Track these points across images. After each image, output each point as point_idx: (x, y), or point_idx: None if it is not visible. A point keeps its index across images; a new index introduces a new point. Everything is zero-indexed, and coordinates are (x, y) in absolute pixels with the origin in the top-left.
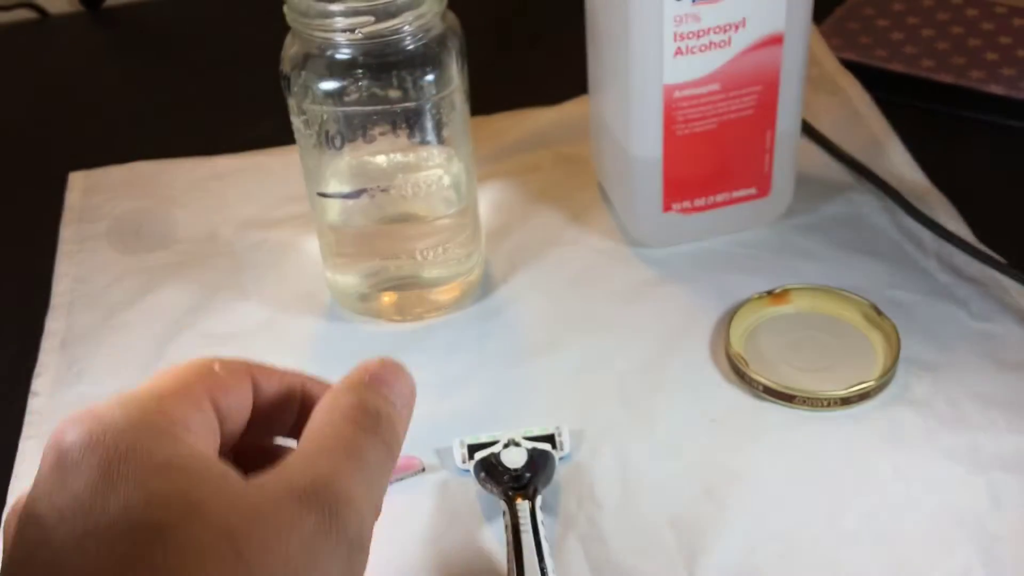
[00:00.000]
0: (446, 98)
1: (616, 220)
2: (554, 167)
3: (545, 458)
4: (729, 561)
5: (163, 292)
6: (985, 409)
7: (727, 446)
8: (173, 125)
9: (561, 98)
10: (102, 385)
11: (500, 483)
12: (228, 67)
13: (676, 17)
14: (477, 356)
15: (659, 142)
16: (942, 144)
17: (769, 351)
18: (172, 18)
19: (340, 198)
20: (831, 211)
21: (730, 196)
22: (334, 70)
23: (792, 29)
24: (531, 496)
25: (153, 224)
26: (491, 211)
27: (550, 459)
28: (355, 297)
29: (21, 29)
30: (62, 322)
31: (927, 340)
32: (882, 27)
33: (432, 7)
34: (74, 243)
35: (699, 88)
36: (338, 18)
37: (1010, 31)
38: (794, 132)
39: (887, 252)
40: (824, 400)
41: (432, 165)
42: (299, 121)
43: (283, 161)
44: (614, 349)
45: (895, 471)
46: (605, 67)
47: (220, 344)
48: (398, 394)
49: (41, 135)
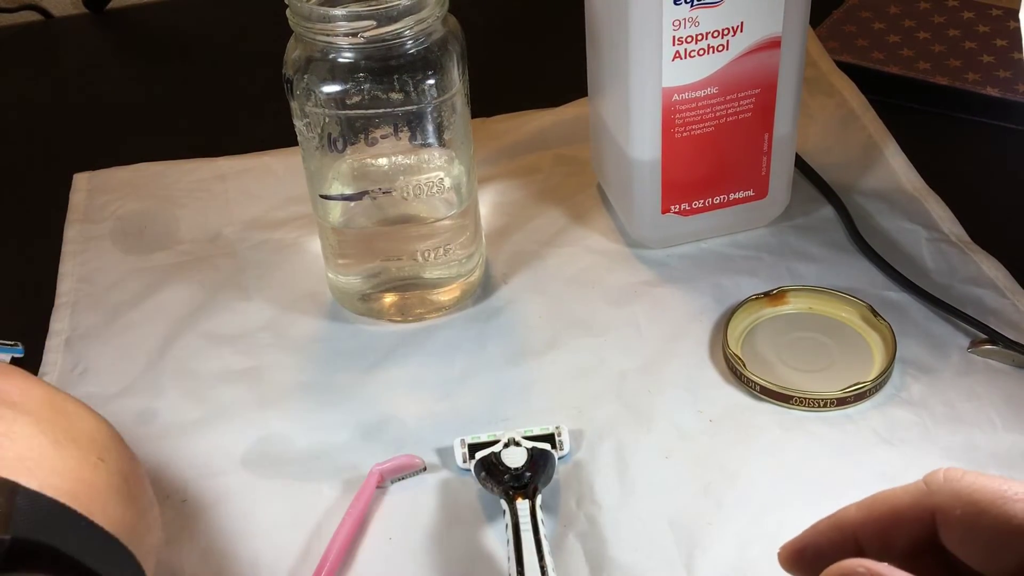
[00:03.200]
0: (447, 101)
1: (615, 221)
2: (554, 169)
3: (545, 458)
4: (726, 559)
5: (166, 292)
6: (981, 408)
7: (725, 446)
8: (176, 127)
9: (561, 101)
10: (106, 385)
11: (500, 482)
12: (231, 70)
13: (675, 21)
14: (477, 356)
15: (658, 144)
16: (938, 146)
17: (766, 352)
18: (175, 21)
19: (342, 200)
20: (828, 213)
21: (728, 198)
22: (336, 73)
23: (789, 32)
24: (531, 495)
25: (156, 225)
26: (491, 212)
27: (550, 459)
28: (356, 298)
29: (25, 31)
30: (66, 322)
31: (923, 341)
32: (878, 30)
33: (433, 11)
34: (78, 243)
35: (697, 91)
36: (340, 22)
37: (1006, 34)
38: (791, 135)
39: (884, 253)
40: (821, 400)
41: (433, 167)
42: (301, 124)
43: (285, 163)
44: (613, 349)
45: (892, 471)
46: (604, 70)
47: (222, 344)
48: None
49: (45, 136)
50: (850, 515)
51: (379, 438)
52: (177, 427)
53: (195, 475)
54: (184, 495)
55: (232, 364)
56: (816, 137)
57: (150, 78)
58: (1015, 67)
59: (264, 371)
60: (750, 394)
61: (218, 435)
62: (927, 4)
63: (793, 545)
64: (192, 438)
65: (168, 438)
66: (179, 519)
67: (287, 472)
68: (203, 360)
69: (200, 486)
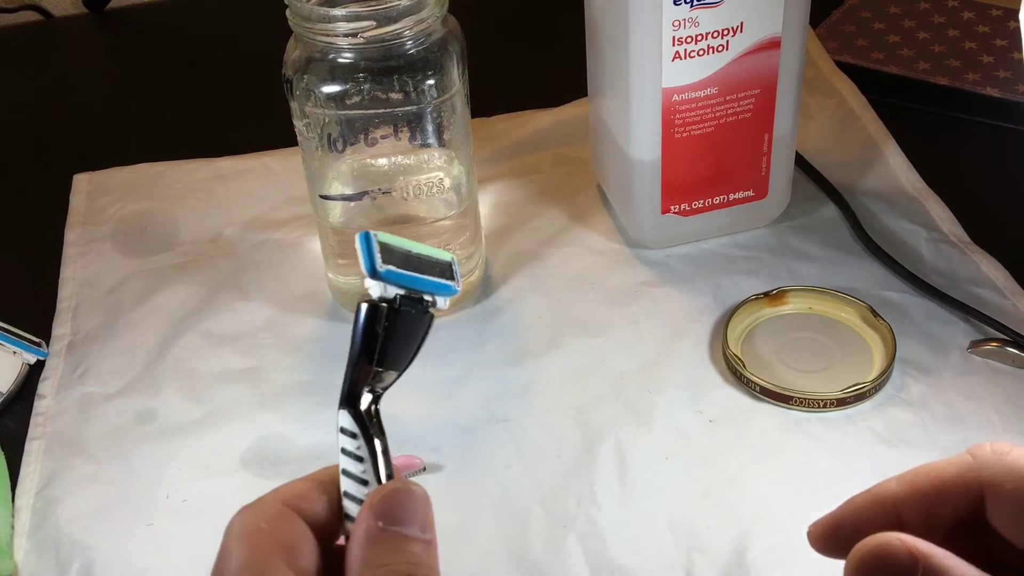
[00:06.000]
0: (447, 101)
1: (615, 222)
2: (554, 169)
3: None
4: (726, 560)
5: (167, 293)
6: (981, 409)
7: (724, 446)
8: (176, 127)
9: (561, 101)
10: (106, 385)
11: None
12: (231, 70)
13: (675, 22)
14: (477, 356)
15: (657, 145)
16: (937, 146)
17: (766, 352)
18: (175, 21)
19: (342, 200)
20: (828, 213)
21: (728, 198)
22: (336, 74)
23: (789, 33)
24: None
25: (157, 226)
26: (491, 213)
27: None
28: (356, 297)
29: (25, 31)
30: (67, 327)
31: (923, 341)
32: (878, 30)
33: (433, 12)
34: (79, 247)
35: (697, 92)
36: (340, 23)
37: (1006, 34)
38: (791, 135)
39: (883, 254)
40: (821, 401)
41: (433, 167)
42: (301, 124)
43: (285, 163)
44: (613, 349)
45: (892, 471)
46: (604, 70)
47: (222, 344)
48: (419, 532)
49: (45, 137)
50: (891, 489)
51: None
52: (177, 427)
53: (195, 475)
54: (184, 495)
55: (232, 364)
56: (816, 137)
57: (150, 78)
58: (1015, 67)
59: (264, 371)
60: (750, 395)
61: (218, 435)
62: (927, 4)
63: (828, 521)
64: (192, 438)
65: (168, 438)
66: (179, 519)
67: (287, 472)
68: (203, 360)
69: (200, 486)
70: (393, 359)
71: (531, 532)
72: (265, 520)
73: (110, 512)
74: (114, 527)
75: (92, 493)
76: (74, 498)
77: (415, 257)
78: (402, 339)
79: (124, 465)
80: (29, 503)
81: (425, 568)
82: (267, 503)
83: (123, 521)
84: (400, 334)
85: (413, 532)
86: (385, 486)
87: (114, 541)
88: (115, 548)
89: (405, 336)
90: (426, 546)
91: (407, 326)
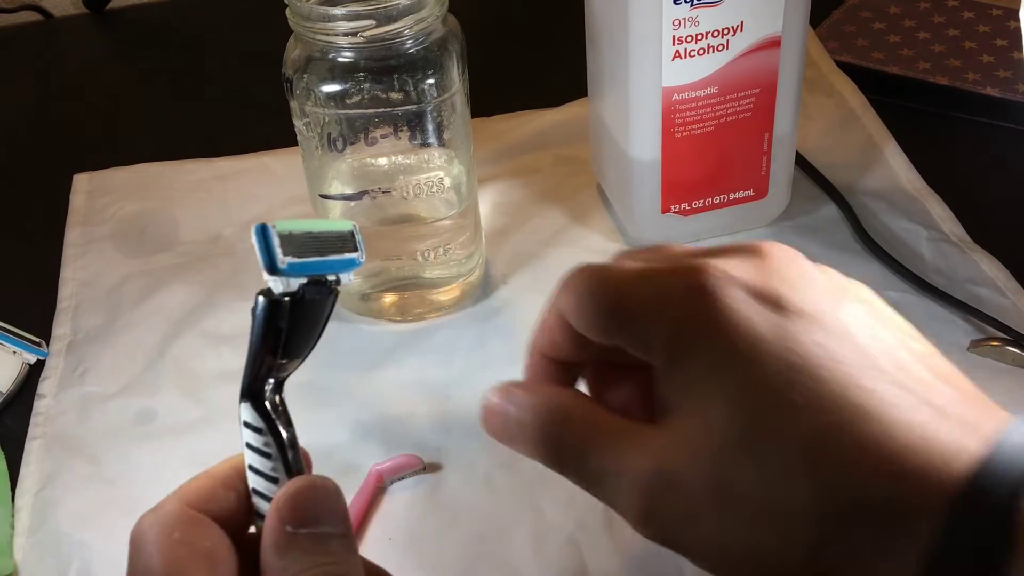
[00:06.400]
0: (447, 101)
1: (615, 221)
2: (554, 169)
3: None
4: None
5: (166, 293)
6: None
7: None
8: (176, 127)
9: (561, 100)
10: (106, 385)
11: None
12: (231, 70)
13: (675, 21)
14: (477, 356)
15: (658, 144)
16: (938, 145)
17: None
18: (175, 21)
19: (342, 200)
20: (828, 212)
21: (728, 198)
22: (336, 73)
23: (789, 32)
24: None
25: (157, 226)
26: (491, 212)
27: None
28: (356, 297)
29: (25, 31)
30: (67, 327)
31: None
32: (878, 30)
33: (433, 11)
34: (79, 247)
35: (697, 91)
36: (340, 22)
37: (1006, 34)
38: (791, 135)
39: (883, 253)
40: None
41: (433, 167)
42: (301, 123)
43: (285, 163)
44: None
45: None
46: (604, 70)
47: (222, 344)
48: (330, 527)
49: (45, 137)
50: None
51: (378, 438)
52: (177, 427)
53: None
54: None
55: (232, 364)
56: (816, 137)
57: (150, 78)
58: (1015, 67)
59: None
60: None
61: (218, 435)
62: (927, 4)
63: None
64: (192, 438)
65: (168, 438)
66: None
67: None
68: (203, 360)
69: None
70: (297, 347)
71: (530, 532)
72: (177, 529)
73: (110, 512)
74: (114, 527)
75: (92, 493)
76: (74, 498)
77: (315, 237)
78: (306, 326)
79: (124, 465)
80: (29, 503)
81: (342, 565)
82: (172, 509)
83: (123, 521)
84: (304, 322)
85: (324, 529)
86: (290, 485)
87: (115, 541)
88: (115, 548)
89: (309, 322)
90: (341, 540)
91: (311, 312)
